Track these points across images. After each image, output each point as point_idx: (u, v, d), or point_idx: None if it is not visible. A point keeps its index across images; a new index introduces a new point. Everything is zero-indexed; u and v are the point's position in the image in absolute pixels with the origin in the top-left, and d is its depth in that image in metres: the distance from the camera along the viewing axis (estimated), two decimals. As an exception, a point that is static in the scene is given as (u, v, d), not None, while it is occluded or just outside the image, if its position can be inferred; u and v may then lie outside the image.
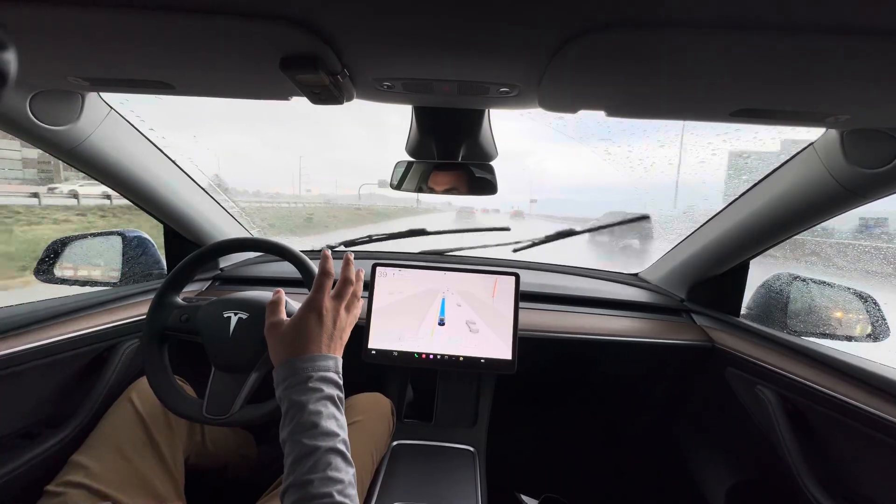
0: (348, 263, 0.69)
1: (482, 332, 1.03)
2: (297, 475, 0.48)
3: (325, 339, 0.59)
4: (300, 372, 0.55)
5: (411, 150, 0.93)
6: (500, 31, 0.47)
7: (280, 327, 0.61)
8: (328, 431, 0.51)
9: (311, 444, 0.49)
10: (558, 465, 1.40)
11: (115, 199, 6.79)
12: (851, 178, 0.75)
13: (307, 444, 0.49)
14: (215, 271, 1.29)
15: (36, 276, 1.06)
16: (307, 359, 0.56)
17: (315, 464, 0.48)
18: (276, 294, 0.67)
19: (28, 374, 0.80)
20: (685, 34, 0.44)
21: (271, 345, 0.61)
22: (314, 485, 0.46)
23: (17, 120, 0.76)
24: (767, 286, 1.11)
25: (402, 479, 0.89)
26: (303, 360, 0.56)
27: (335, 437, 0.51)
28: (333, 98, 0.65)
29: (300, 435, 0.50)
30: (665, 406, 1.37)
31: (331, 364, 0.58)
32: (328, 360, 0.57)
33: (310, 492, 0.46)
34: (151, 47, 0.54)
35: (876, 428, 0.71)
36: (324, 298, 0.62)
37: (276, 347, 0.60)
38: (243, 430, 1.11)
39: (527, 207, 26.57)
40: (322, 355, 0.57)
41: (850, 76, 0.50)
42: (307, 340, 0.58)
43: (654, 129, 1.09)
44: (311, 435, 0.50)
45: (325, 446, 0.49)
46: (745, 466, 1.07)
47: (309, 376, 0.54)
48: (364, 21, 0.46)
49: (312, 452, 0.49)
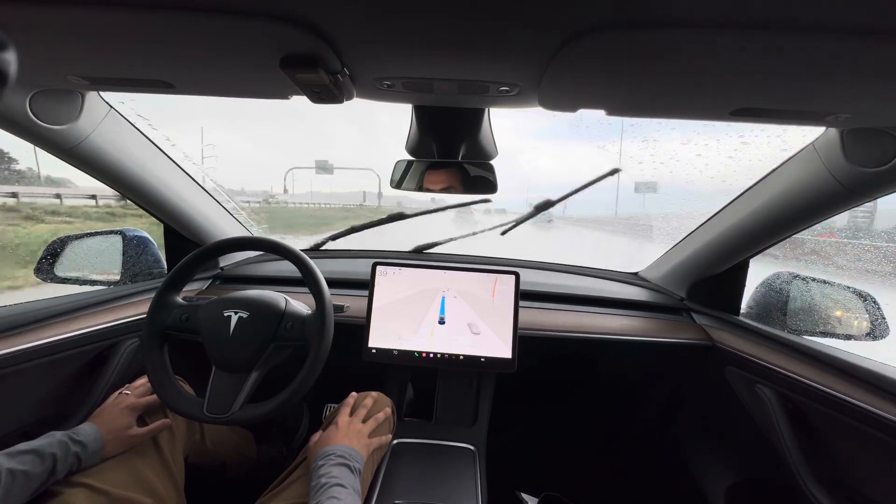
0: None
1: (482, 331, 1.03)
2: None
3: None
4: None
5: (411, 149, 0.93)
6: (500, 31, 0.47)
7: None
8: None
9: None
10: (558, 463, 1.40)
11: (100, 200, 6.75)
12: (851, 177, 0.75)
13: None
14: (215, 270, 1.29)
15: (36, 275, 1.06)
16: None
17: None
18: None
19: (29, 372, 0.80)
20: (685, 34, 0.44)
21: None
22: None
23: (17, 119, 0.76)
24: (767, 285, 1.11)
25: (402, 478, 0.90)
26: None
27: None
28: (333, 97, 0.65)
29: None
30: (665, 405, 1.37)
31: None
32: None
33: None
34: (151, 46, 0.54)
35: (876, 427, 0.71)
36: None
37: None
38: (243, 429, 1.11)
39: (517, 206, 26.36)
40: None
41: (850, 76, 0.50)
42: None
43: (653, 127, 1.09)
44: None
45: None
46: (745, 465, 1.07)
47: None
48: (364, 21, 0.46)
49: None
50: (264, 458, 1.15)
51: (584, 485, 1.25)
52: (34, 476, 0.62)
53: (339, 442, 0.78)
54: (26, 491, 0.62)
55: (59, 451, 0.66)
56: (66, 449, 0.67)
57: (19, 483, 0.61)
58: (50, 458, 0.65)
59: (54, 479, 0.65)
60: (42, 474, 0.63)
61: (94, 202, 6.86)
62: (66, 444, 0.68)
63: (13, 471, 0.60)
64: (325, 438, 0.80)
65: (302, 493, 0.72)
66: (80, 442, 0.69)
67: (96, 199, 6.85)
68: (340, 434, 0.80)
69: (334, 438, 0.79)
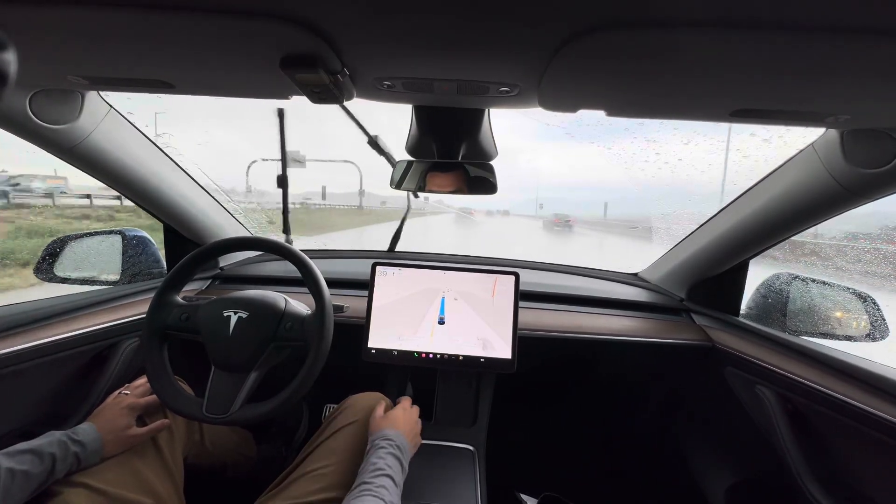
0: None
1: (482, 332, 1.03)
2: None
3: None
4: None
5: (411, 149, 0.93)
6: (500, 31, 0.47)
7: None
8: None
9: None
10: (558, 463, 1.40)
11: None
12: (851, 178, 0.75)
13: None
14: (215, 270, 1.30)
15: (36, 275, 1.06)
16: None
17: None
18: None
19: (28, 372, 0.80)
20: (685, 34, 0.44)
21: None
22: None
23: (17, 119, 0.76)
24: (767, 286, 1.11)
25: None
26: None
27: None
28: (333, 97, 0.65)
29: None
30: (664, 405, 1.37)
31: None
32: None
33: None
34: (151, 46, 0.54)
35: (876, 427, 0.71)
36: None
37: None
38: (243, 429, 1.11)
39: (515, 208, 25.95)
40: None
41: (850, 76, 0.50)
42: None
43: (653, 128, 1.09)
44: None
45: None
46: (744, 466, 1.07)
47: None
48: (364, 21, 0.46)
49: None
50: (264, 459, 1.15)
51: (584, 485, 1.25)
52: (33, 476, 0.62)
53: (400, 429, 0.78)
54: (25, 490, 0.62)
55: (58, 450, 0.66)
56: (65, 449, 0.67)
57: (19, 482, 0.61)
58: (49, 457, 0.65)
59: (53, 478, 0.65)
60: (41, 474, 0.63)
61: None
62: (66, 443, 0.68)
63: (12, 470, 0.60)
64: (391, 419, 0.81)
65: (302, 493, 0.72)
66: (80, 442, 0.69)
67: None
68: (402, 422, 0.81)
69: (399, 423, 0.80)
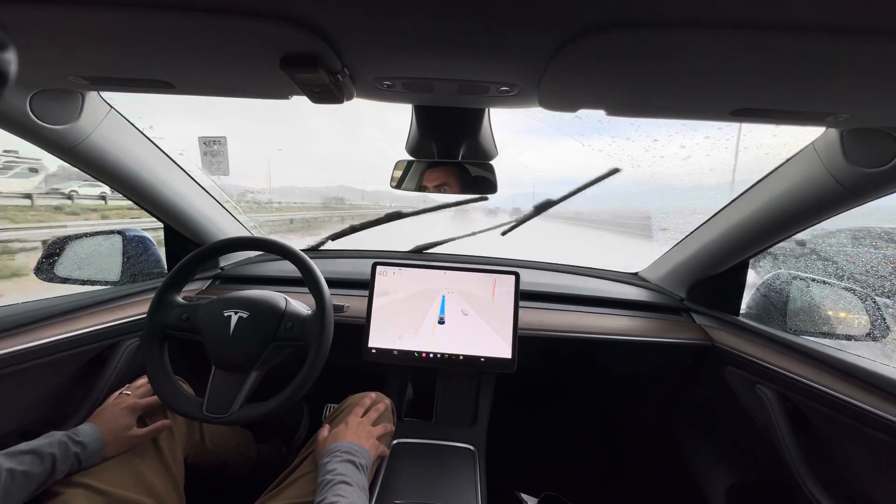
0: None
1: (482, 331, 1.03)
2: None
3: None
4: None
5: (411, 149, 0.93)
6: (500, 31, 0.47)
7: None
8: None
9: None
10: (558, 463, 1.41)
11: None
12: (851, 178, 0.75)
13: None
14: (215, 270, 1.30)
15: (36, 275, 1.06)
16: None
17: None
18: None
19: (28, 373, 0.80)
20: (685, 34, 0.44)
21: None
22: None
23: (17, 119, 0.76)
24: (767, 285, 1.11)
25: (402, 478, 0.90)
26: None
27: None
28: (333, 97, 0.65)
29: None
30: (664, 405, 1.37)
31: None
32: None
33: None
34: (152, 46, 0.54)
35: (876, 427, 0.71)
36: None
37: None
38: (243, 428, 1.11)
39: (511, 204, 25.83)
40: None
41: (850, 76, 0.50)
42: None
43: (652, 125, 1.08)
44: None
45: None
46: (744, 466, 1.07)
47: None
48: (364, 21, 0.46)
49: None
50: (264, 458, 1.15)
51: (584, 485, 1.25)
52: (34, 476, 0.62)
53: (348, 439, 0.78)
54: (26, 491, 0.62)
55: (58, 451, 0.66)
56: (65, 449, 0.67)
57: (19, 483, 0.61)
58: (49, 458, 0.65)
59: (54, 479, 0.65)
60: (42, 474, 0.63)
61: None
62: (66, 444, 0.68)
63: (13, 470, 0.61)
64: (333, 435, 0.80)
65: (302, 493, 0.72)
66: (80, 442, 0.69)
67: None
68: (349, 432, 0.80)
69: (343, 435, 0.79)
